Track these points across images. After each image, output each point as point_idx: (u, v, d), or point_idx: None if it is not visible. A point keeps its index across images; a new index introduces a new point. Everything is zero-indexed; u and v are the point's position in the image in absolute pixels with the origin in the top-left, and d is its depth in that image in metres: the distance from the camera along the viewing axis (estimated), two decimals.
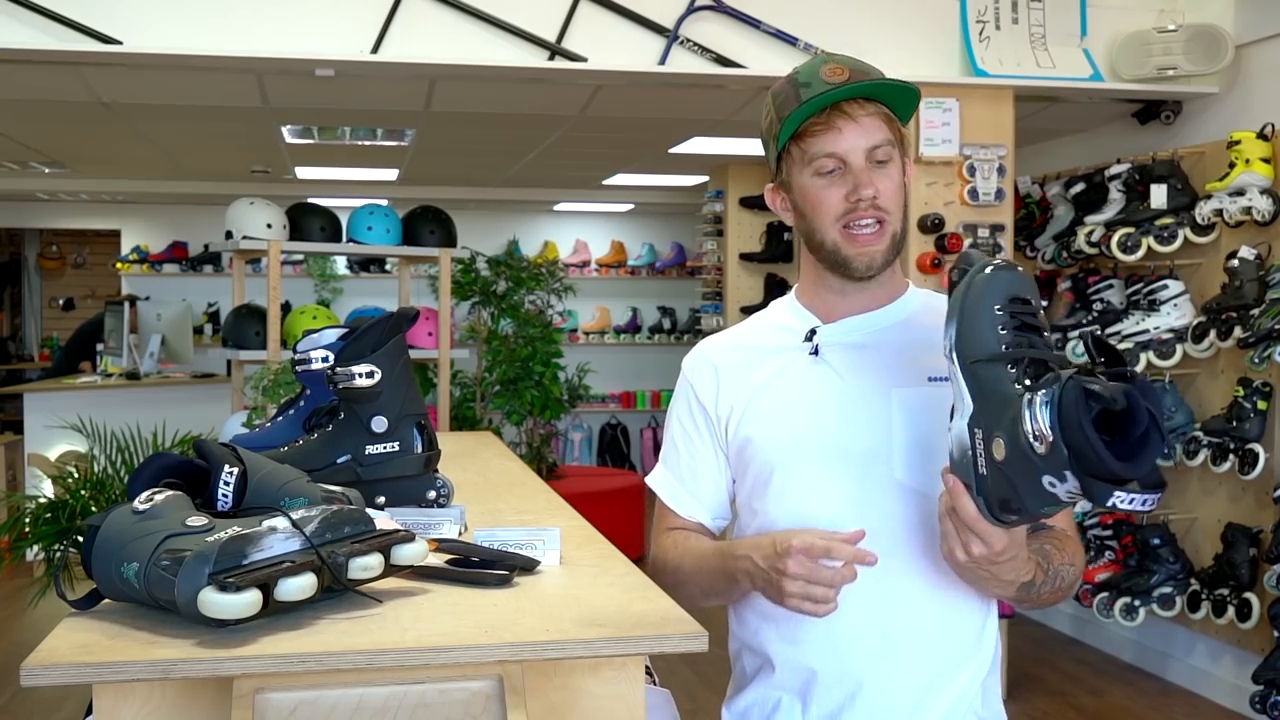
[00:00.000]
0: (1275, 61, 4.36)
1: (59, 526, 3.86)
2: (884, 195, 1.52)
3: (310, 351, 2.05)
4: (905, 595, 1.52)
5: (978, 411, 1.28)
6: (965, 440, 1.29)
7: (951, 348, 1.32)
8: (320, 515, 1.38)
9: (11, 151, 7.15)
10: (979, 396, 1.28)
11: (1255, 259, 4.19)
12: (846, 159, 1.52)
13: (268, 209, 4.91)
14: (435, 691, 1.26)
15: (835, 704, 1.55)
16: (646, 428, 10.16)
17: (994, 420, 1.25)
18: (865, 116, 1.52)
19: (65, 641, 1.27)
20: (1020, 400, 1.22)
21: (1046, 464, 1.18)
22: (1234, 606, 4.31)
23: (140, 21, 3.89)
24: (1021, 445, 1.20)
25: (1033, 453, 1.19)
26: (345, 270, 9.72)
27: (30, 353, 12.04)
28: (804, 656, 1.57)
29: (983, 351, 1.28)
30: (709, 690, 4.46)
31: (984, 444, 1.26)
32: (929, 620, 1.53)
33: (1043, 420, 1.18)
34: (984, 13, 4.43)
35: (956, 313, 1.32)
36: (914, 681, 1.53)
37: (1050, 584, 1.47)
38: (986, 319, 1.29)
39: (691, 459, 1.67)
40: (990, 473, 1.26)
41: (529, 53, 4.14)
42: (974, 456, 1.28)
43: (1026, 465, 1.20)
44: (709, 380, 1.66)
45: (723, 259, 7.26)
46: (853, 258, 1.54)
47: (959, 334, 1.31)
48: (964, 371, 1.30)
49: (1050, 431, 1.17)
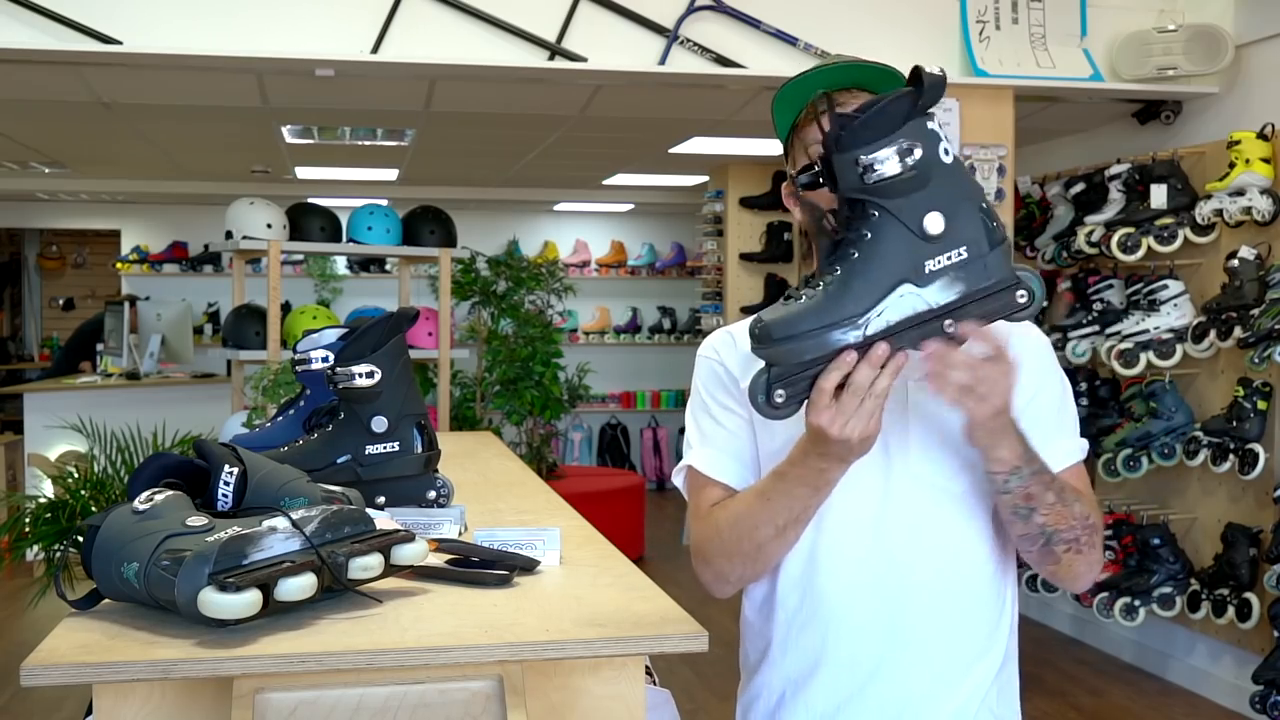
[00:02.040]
0: (1275, 61, 4.36)
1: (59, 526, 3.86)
2: None
3: (310, 351, 2.06)
4: (919, 587, 1.51)
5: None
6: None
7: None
8: (320, 515, 1.38)
9: (11, 151, 7.15)
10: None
11: (1255, 259, 4.18)
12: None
13: (268, 209, 4.91)
14: (435, 691, 1.26)
15: (844, 693, 1.54)
16: (646, 428, 10.15)
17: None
18: (855, 104, 1.51)
19: (65, 641, 1.27)
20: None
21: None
22: (1234, 606, 4.31)
23: (140, 21, 3.89)
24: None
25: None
26: (345, 270, 9.71)
27: (30, 353, 12.04)
28: (813, 643, 1.56)
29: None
30: (709, 690, 4.45)
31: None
32: (942, 613, 1.53)
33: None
34: (984, 13, 4.42)
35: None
36: (925, 674, 1.53)
37: (1059, 509, 1.44)
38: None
39: (731, 433, 1.60)
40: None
41: (529, 53, 4.13)
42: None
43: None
44: (734, 356, 1.61)
45: (723, 259, 7.26)
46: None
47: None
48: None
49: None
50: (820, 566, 1.54)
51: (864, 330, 1.19)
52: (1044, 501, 1.43)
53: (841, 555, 1.53)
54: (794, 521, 1.46)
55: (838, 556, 1.53)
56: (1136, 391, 4.71)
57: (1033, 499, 1.43)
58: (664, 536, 7.75)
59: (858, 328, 1.19)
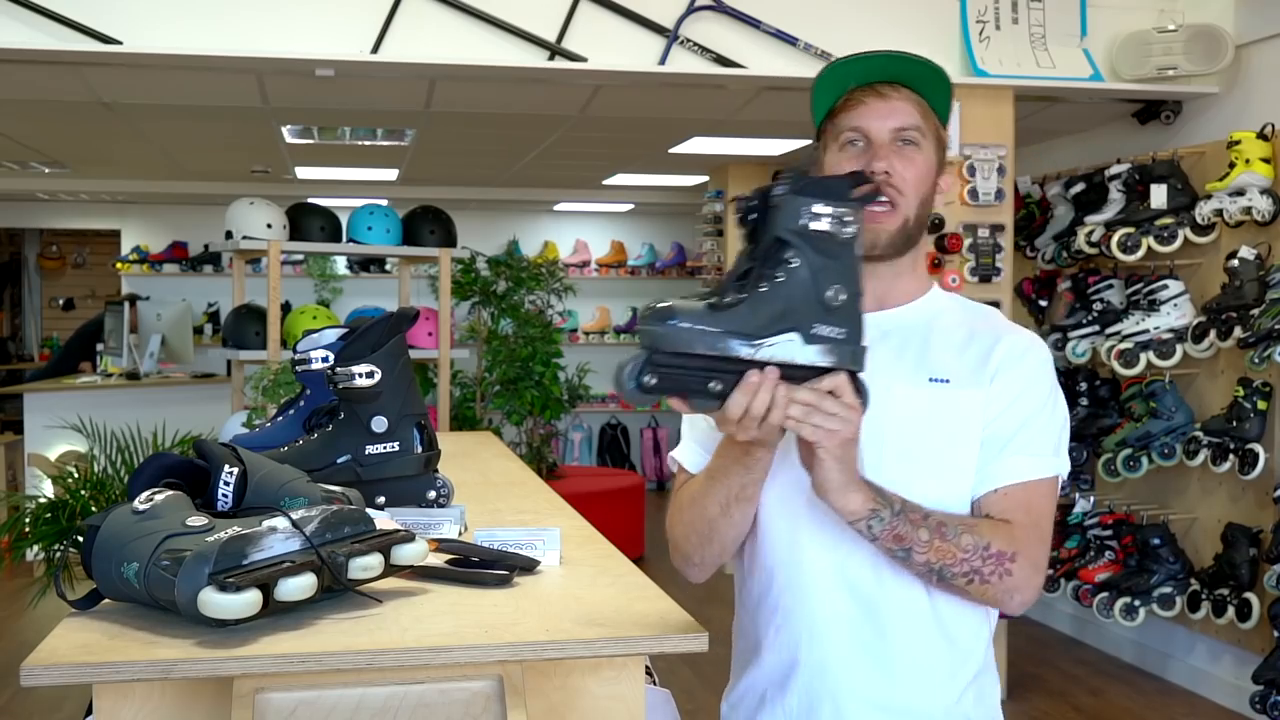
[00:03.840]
0: (1275, 61, 4.36)
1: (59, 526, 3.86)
2: (900, 174, 1.51)
3: (310, 351, 2.05)
4: (890, 591, 1.51)
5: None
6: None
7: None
8: (320, 515, 1.38)
9: (11, 151, 7.15)
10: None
11: (1255, 259, 4.18)
12: (870, 134, 1.52)
13: (268, 209, 4.91)
14: (435, 691, 1.26)
15: (817, 696, 1.55)
16: (646, 428, 10.15)
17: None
18: (896, 98, 1.52)
19: (65, 641, 1.27)
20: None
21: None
22: (1234, 606, 4.31)
23: (140, 21, 3.89)
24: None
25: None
26: (345, 270, 9.71)
27: (30, 353, 12.04)
28: (789, 644, 1.57)
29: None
30: (709, 690, 4.45)
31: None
32: (915, 618, 1.52)
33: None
34: (984, 13, 4.43)
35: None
36: (898, 679, 1.53)
37: (939, 544, 1.41)
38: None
39: (711, 426, 1.59)
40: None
41: (529, 53, 4.13)
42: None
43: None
44: None
45: (722, 259, 7.25)
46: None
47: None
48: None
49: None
50: (802, 567, 1.55)
51: (757, 350, 1.28)
52: (918, 540, 1.41)
53: (818, 558, 1.53)
54: (735, 500, 1.49)
55: (816, 559, 1.54)
56: (1136, 391, 4.71)
57: (904, 540, 1.41)
58: (664, 537, 7.70)
59: (753, 346, 1.27)
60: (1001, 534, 1.46)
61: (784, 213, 1.30)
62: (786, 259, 1.29)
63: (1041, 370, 1.55)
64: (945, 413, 1.50)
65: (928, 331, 1.56)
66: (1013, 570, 1.45)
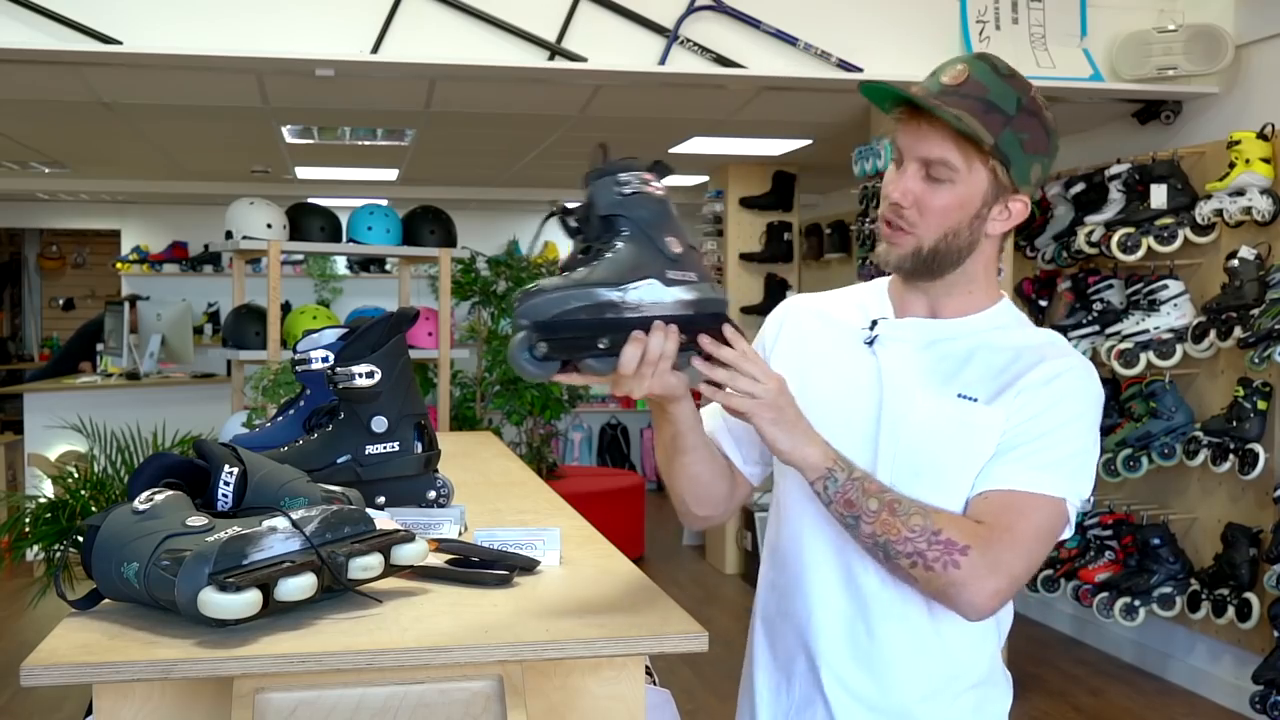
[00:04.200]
0: (1275, 61, 4.36)
1: (59, 526, 3.86)
2: (913, 204, 1.48)
3: (310, 351, 2.05)
4: (889, 594, 1.52)
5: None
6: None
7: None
8: (320, 515, 1.38)
9: (11, 151, 7.15)
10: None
11: (1255, 259, 4.18)
12: (904, 156, 1.50)
13: (268, 209, 4.91)
14: (435, 691, 1.26)
15: (810, 689, 1.57)
16: (646, 428, 10.15)
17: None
18: (928, 125, 1.47)
19: (65, 641, 1.27)
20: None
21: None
22: (1234, 606, 4.31)
23: (140, 21, 3.89)
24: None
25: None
26: (345, 270, 9.71)
27: (30, 353, 12.04)
28: (790, 634, 1.60)
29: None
30: (709, 690, 4.46)
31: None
32: (910, 623, 1.53)
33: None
34: (984, 13, 4.42)
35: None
36: (888, 683, 1.53)
37: (886, 518, 1.40)
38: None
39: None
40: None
41: (529, 53, 4.13)
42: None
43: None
44: (774, 333, 1.67)
45: (723, 259, 7.26)
46: (878, 250, 1.55)
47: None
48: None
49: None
50: (805, 560, 1.58)
51: (624, 294, 1.37)
52: (866, 509, 1.40)
53: (823, 552, 1.56)
54: (676, 451, 1.54)
55: (820, 553, 1.56)
56: (1136, 391, 4.71)
57: (854, 506, 1.41)
58: (664, 536, 7.76)
59: (620, 290, 1.37)
60: (961, 527, 1.42)
61: (598, 195, 1.41)
62: (619, 229, 1.40)
63: (1071, 395, 1.48)
64: (964, 429, 1.48)
65: (973, 348, 1.53)
66: (961, 563, 1.39)
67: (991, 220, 1.51)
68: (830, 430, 1.47)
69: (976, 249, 1.52)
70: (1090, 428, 1.49)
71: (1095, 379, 1.51)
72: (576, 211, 1.43)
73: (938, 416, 1.49)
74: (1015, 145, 1.47)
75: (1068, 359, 1.51)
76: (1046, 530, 1.45)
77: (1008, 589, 1.42)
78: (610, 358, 1.36)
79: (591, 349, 1.35)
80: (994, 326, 1.55)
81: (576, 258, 1.40)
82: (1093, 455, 1.50)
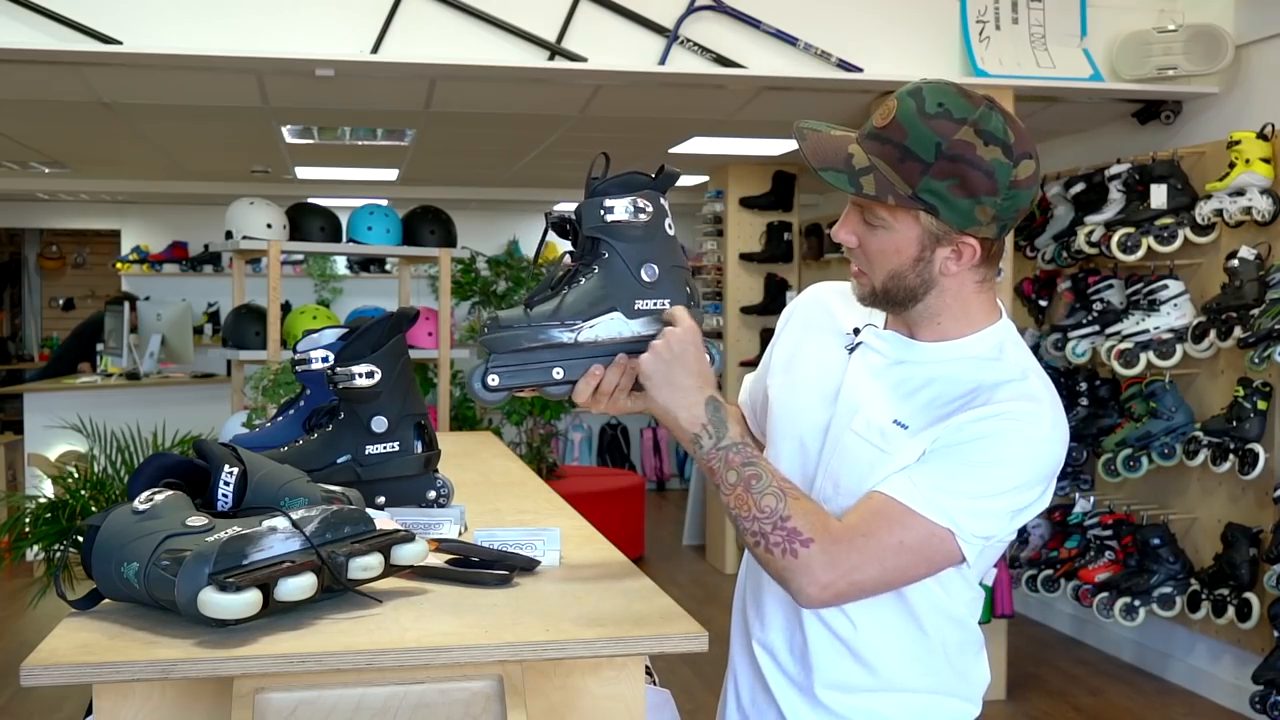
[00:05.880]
0: (1275, 61, 4.36)
1: (59, 526, 3.87)
2: (857, 247, 1.49)
3: (310, 351, 2.06)
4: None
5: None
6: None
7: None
8: (320, 515, 1.38)
9: (11, 151, 7.15)
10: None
11: (1255, 259, 4.18)
12: (849, 200, 1.51)
13: (268, 209, 4.91)
14: (435, 691, 1.26)
15: (751, 691, 1.62)
16: (646, 428, 10.15)
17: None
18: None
19: (65, 641, 1.27)
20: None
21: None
22: (1234, 606, 4.31)
23: (140, 21, 3.89)
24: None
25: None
26: (345, 270, 9.71)
27: (30, 353, 12.04)
28: (740, 641, 1.65)
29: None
30: (709, 690, 4.45)
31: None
32: (830, 617, 1.53)
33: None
34: (984, 13, 4.42)
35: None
36: (820, 674, 1.55)
37: (741, 493, 1.41)
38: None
39: (760, 375, 1.74)
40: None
41: (529, 53, 4.13)
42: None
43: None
44: (786, 317, 1.72)
45: (723, 259, 7.26)
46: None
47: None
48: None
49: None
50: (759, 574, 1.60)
51: (576, 335, 1.48)
52: (724, 481, 1.43)
53: None
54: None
55: None
56: (1136, 391, 4.71)
57: (714, 475, 1.44)
58: (664, 536, 7.76)
59: (572, 331, 1.47)
60: (813, 520, 1.40)
61: (585, 216, 1.50)
62: (600, 253, 1.50)
63: (1001, 439, 1.41)
64: (880, 455, 1.45)
65: (934, 376, 1.49)
66: (799, 553, 1.37)
67: (942, 261, 1.46)
68: (793, 424, 1.56)
69: (935, 287, 1.48)
70: (1013, 476, 1.42)
71: (1047, 429, 1.43)
72: (568, 219, 1.52)
73: (868, 436, 1.48)
74: (937, 192, 1.41)
75: (1017, 404, 1.42)
76: (915, 551, 1.40)
77: (846, 590, 1.40)
78: (566, 386, 1.47)
79: (547, 380, 1.48)
80: (965, 357, 1.50)
81: (549, 281, 1.51)
82: (1010, 502, 1.42)
